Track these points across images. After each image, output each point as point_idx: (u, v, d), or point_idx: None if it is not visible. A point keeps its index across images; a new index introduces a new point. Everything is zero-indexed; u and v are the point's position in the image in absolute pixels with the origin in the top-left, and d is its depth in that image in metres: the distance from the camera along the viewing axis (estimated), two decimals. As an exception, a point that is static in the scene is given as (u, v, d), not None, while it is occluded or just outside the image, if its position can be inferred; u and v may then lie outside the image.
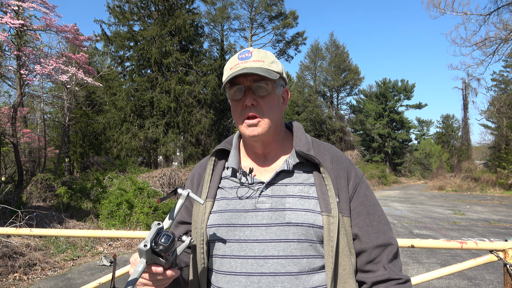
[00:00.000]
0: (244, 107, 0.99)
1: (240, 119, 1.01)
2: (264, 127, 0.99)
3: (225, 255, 0.97)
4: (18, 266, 5.35)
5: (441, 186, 26.50)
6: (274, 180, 1.01)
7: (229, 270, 0.95)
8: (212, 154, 1.11)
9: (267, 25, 33.46)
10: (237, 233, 0.96)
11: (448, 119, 64.53)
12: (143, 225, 8.16)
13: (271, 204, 0.97)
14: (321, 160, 1.01)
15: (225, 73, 1.02)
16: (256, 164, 1.07)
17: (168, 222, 0.89)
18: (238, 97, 1.00)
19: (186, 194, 0.92)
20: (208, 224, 1.01)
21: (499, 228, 9.38)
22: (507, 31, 14.39)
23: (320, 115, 41.31)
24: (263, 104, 0.99)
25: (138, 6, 22.11)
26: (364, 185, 1.05)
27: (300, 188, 0.99)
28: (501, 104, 24.39)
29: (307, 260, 0.93)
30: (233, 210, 0.99)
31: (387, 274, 0.95)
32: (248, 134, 1.00)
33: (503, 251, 1.93)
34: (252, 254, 0.94)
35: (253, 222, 0.96)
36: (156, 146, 21.64)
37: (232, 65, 1.00)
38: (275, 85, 1.01)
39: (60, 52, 11.56)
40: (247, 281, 0.92)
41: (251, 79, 0.98)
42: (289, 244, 0.93)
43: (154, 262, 0.81)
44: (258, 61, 0.99)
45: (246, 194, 1.01)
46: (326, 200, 0.96)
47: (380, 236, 0.99)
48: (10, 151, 13.11)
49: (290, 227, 0.94)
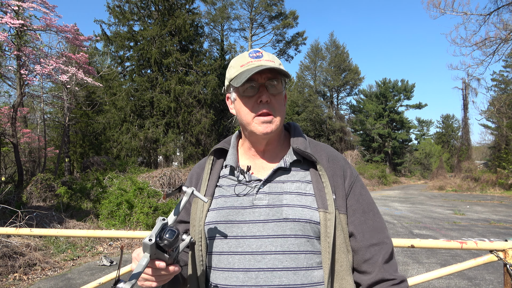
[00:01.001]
0: (258, 104, 1.00)
1: (250, 115, 1.02)
2: (277, 124, 1.02)
3: (223, 252, 0.98)
4: (18, 266, 5.35)
5: (441, 186, 26.50)
6: (272, 178, 1.02)
7: (227, 266, 0.96)
8: (211, 154, 1.13)
9: (267, 25, 33.49)
10: (235, 230, 0.97)
11: (448, 119, 64.55)
12: (143, 225, 8.16)
13: (269, 200, 0.99)
14: (318, 158, 1.03)
15: (234, 70, 1.03)
16: (253, 163, 1.09)
17: (172, 218, 0.90)
18: (251, 93, 1.01)
19: (191, 192, 0.93)
20: (206, 221, 1.01)
21: (499, 228, 9.38)
22: (507, 31, 14.39)
23: (320, 115, 41.31)
24: (275, 102, 1.02)
25: (138, 6, 22.11)
26: (360, 184, 1.06)
27: (297, 185, 1.01)
28: (501, 104, 24.39)
29: (305, 256, 0.94)
30: (230, 207, 1.00)
31: (381, 275, 0.96)
32: (261, 131, 1.00)
33: (503, 251, 1.94)
34: (250, 250, 0.94)
35: (251, 218, 0.97)
36: (156, 146, 21.65)
37: (244, 63, 1.01)
38: (284, 85, 1.05)
39: (60, 52, 11.56)
40: (245, 277, 0.93)
41: (266, 76, 1.00)
42: (287, 239, 0.94)
43: (157, 257, 0.82)
44: (270, 61, 1.02)
45: (243, 191, 1.02)
46: (323, 197, 0.97)
47: (375, 235, 1.00)
48: (10, 151, 13.11)
49: (287, 223, 0.95)
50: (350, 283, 0.96)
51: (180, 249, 0.88)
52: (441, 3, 15.24)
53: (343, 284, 0.95)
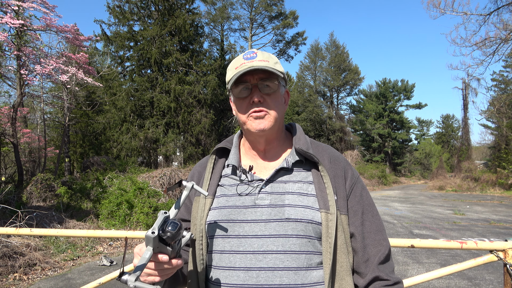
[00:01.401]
0: (251, 104, 1.01)
1: (245, 114, 1.03)
2: (271, 121, 1.02)
3: (224, 251, 0.98)
4: (18, 266, 5.35)
5: (441, 186, 26.50)
6: (274, 178, 1.03)
7: (228, 265, 0.96)
8: (213, 153, 1.13)
9: (267, 25, 33.45)
10: (236, 229, 0.98)
11: (448, 119, 64.53)
12: (143, 225, 8.16)
13: (270, 200, 0.99)
14: (320, 159, 1.03)
15: (230, 73, 1.04)
16: (255, 162, 1.09)
17: (174, 211, 0.89)
18: (244, 94, 1.02)
19: (191, 186, 0.93)
20: (207, 220, 1.02)
21: (499, 228, 9.38)
22: (507, 31, 14.39)
23: (320, 115, 41.30)
24: (270, 101, 1.02)
25: (138, 6, 22.10)
26: (360, 185, 1.06)
27: (299, 185, 1.01)
28: (501, 104, 24.39)
29: (306, 256, 0.94)
30: (232, 206, 1.01)
31: (376, 274, 0.98)
32: (255, 127, 1.01)
33: (503, 251, 1.94)
34: (251, 249, 0.95)
35: (253, 218, 0.98)
36: (156, 146, 21.65)
37: (238, 65, 1.02)
38: (279, 84, 1.04)
39: (60, 52, 11.56)
40: (246, 275, 0.93)
41: (258, 77, 1.01)
42: (288, 239, 0.94)
43: (160, 250, 0.82)
44: (264, 60, 1.02)
45: (245, 191, 1.02)
46: (325, 197, 0.98)
47: (372, 236, 1.01)
48: (10, 151, 13.11)
49: (289, 223, 0.95)
50: (349, 283, 0.96)
51: (182, 243, 0.88)
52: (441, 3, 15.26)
53: (343, 285, 0.95)
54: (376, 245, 1.00)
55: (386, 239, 1.03)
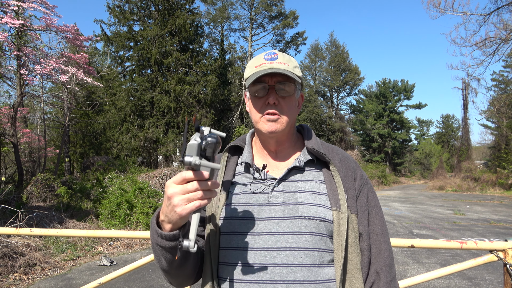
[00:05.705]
0: (266, 105, 1.03)
1: (259, 114, 1.05)
2: (282, 124, 1.04)
3: (238, 247, 0.99)
4: (18, 266, 5.35)
5: (441, 186, 26.51)
6: (286, 176, 1.05)
7: (242, 261, 0.98)
8: (226, 150, 1.15)
9: (267, 25, 33.47)
10: (251, 226, 0.99)
11: (448, 119, 64.50)
12: (143, 225, 8.16)
13: (284, 198, 1.01)
14: (331, 159, 1.06)
15: (249, 71, 1.06)
16: (267, 162, 1.11)
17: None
18: (261, 94, 1.04)
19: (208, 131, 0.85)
20: (221, 216, 1.03)
21: (499, 228, 9.38)
22: (507, 31, 14.38)
23: (320, 115, 41.30)
24: (284, 104, 1.04)
25: (138, 6, 22.10)
26: (369, 187, 1.10)
27: (311, 184, 1.04)
28: (501, 104, 24.39)
29: (318, 253, 0.96)
30: (246, 203, 1.02)
31: (377, 275, 1.02)
32: (266, 129, 1.03)
33: (503, 251, 1.94)
34: (265, 246, 0.96)
35: (267, 215, 0.99)
36: (156, 146, 21.65)
37: (258, 64, 1.04)
38: (295, 88, 1.06)
39: (60, 52, 11.56)
40: (260, 272, 0.95)
41: (276, 79, 1.03)
42: (302, 236, 0.96)
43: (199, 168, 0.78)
44: (284, 63, 1.03)
45: (259, 189, 1.04)
46: (336, 196, 1.00)
47: (376, 237, 1.05)
48: (10, 151, 13.11)
49: (302, 220, 0.97)
50: (359, 281, 0.99)
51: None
52: (441, 3, 15.26)
53: (353, 283, 0.98)
54: (378, 246, 1.04)
55: (388, 242, 1.06)
